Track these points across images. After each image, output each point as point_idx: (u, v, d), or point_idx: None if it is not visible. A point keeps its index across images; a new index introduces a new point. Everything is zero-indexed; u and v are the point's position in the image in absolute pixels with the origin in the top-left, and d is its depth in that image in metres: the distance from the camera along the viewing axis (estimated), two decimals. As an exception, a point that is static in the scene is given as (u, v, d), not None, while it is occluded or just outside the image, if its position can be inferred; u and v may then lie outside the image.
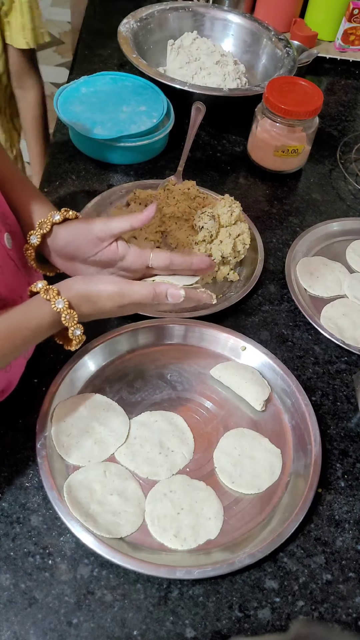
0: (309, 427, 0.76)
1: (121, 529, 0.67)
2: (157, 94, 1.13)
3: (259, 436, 0.77)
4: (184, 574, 0.64)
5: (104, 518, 0.67)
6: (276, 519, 0.70)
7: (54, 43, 3.31)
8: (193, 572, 0.64)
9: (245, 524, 0.70)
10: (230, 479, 0.73)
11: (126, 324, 0.84)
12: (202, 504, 0.70)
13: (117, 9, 1.49)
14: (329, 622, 0.65)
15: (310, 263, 0.99)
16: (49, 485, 0.68)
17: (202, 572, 0.64)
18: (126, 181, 1.07)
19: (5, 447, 0.73)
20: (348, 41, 1.42)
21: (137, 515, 0.69)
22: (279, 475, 0.74)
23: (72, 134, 1.12)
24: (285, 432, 0.78)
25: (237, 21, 1.33)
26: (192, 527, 0.68)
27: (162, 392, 0.80)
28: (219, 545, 0.68)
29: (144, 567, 0.64)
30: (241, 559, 0.65)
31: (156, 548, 0.67)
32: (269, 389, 0.81)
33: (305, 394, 0.79)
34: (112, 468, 0.72)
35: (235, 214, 0.94)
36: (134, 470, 0.72)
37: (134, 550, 0.66)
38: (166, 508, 0.69)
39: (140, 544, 0.67)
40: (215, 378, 0.82)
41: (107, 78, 1.16)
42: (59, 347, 0.83)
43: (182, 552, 0.67)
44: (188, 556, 0.67)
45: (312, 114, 1.06)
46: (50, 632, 0.61)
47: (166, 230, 0.97)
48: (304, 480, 0.72)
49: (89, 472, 0.71)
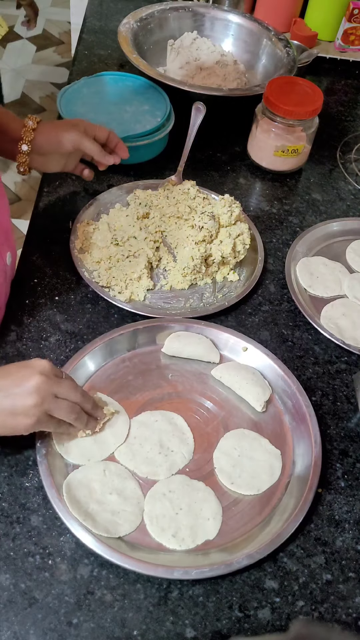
0: (309, 429, 0.76)
1: (120, 528, 0.67)
2: (159, 93, 1.13)
3: (259, 437, 0.77)
4: (182, 574, 0.64)
5: (102, 517, 0.67)
6: (275, 521, 0.70)
7: (54, 43, 3.31)
8: (191, 573, 0.64)
9: (244, 525, 0.70)
10: (230, 479, 0.73)
11: (126, 324, 0.84)
12: (201, 505, 0.70)
13: (117, 9, 1.49)
14: (329, 622, 0.65)
15: (310, 263, 0.99)
16: (48, 483, 0.68)
17: (200, 573, 0.64)
18: (126, 181, 1.07)
19: (5, 447, 0.73)
20: (348, 41, 1.42)
21: (135, 514, 0.69)
22: (279, 476, 0.74)
23: (72, 134, 1.11)
24: (286, 433, 0.78)
25: (237, 21, 1.33)
26: (190, 528, 0.68)
27: (163, 392, 0.80)
28: (217, 546, 0.68)
29: (144, 567, 0.64)
30: (239, 560, 0.65)
31: (154, 548, 0.67)
32: (269, 389, 0.81)
33: (306, 395, 0.79)
34: (111, 467, 0.72)
35: (235, 214, 0.94)
36: (133, 469, 0.72)
37: (132, 550, 0.66)
38: (165, 508, 0.69)
39: (138, 544, 0.67)
40: (216, 378, 0.82)
41: (108, 78, 1.16)
42: (59, 347, 0.83)
43: (180, 553, 0.67)
44: (186, 556, 0.67)
45: (312, 114, 1.06)
46: (50, 632, 0.61)
47: (166, 230, 0.97)
48: (303, 481, 0.72)
49: (89, 470, 0.71)
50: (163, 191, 1.01)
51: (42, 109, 2.85)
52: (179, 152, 1.08)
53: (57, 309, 0.87)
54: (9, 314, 0.86)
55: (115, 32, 1.25)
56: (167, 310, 0.89)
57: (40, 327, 0.85)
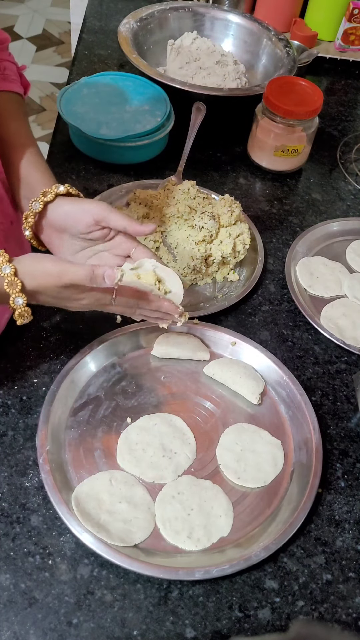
0: (306, 416, 0.77)
1: (134, 536, 0.67)
2: (158, 93, 1.13)
3: (259, 429, 0.77)
4: (185, 575, 0.64)
5: (115, 527, 0.67)
6: (284, 510, 0.71)
7: (54, 43, 3.31)
8: (193, 574, 0.64)
9: (256, 518, 0.71)
10: (236, 474, 0.73)
11: (127, 325, 0.84)
12: (211, 503, 0.70)
13: (117, 9, 1.49)
14: (329, 622, 0.65)
15: (310, 263, 0.99)
16: (57, 499, 0.67)
17: (220, 571, 0.64)
18: (126, 181, 1.07)
19: (5, 447, 0.73)
20: (348, 41, 1.42)
21: (148, 520, 0.68)
22: (282, 466, 0.75)
23: (72, 135, 1.11)
24: (283, 422, 0.79)
25: (237, 21, 1.33)
26: (204, 527, 0.68)
27: (158, 395, 0.80)
28: (232, 542, 0.68)
29: (143, 567, 0.64)
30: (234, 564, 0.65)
31: (170, 551, 0.67)
32: (263, 381, 0.82)
33: (298, 384, 0.80)
34: (117, 476, 0.71)
35: (235, 214, 0.94)
36: (139, 475, 0.72)
37: (149, 556, 0.66)
38: (176, 510, 0.69)
39: (154, 549, 0.67)
40: (209, 376, 0.82)
41: (108, 78, 1.16)
42: (59, 347, 0.83)
43: (197, 553, 0.67)
44: (203, 556, 0.67)
45: (312, 114, 1.06)
46: (50, 632, 0.61)
47: (166, 230, 0.97)
48: (305, 478, 0.72)
49: (94, 482, 0.70)
50: (163, 191, 1.01)
51: (42, 109, 2.85)
52: (179, 152, 1.08)
53: (57, 309, 0.87)
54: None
55: (115, 32, 1.25)
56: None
57: (40, 327, 0.85)
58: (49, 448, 0.71)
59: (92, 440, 0.74)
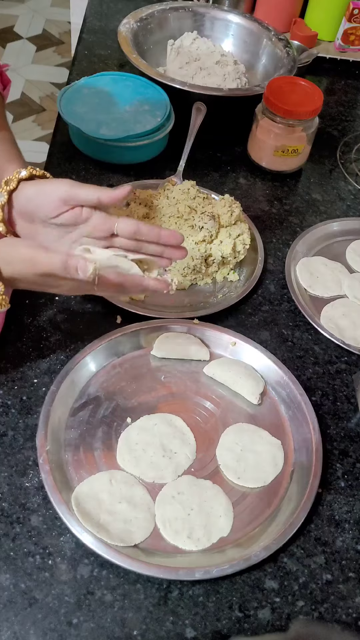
0: (306, 416, 0.77)
1: (134, 536, 0.67)
2: (158, 93, 1.13)
3: (259, 429, 0.77)
4: (185, 575, 0.64)
5: (115, 527, 0.67)
6: (284, 510, 0.71)
7: (54, 43, 3.31)
8: (193, 574, 0.64)
9: (256, 518, 0.70)
10: (236, 474, 0.73)
11: (127, 325, 0.84)
12: (211, 503, 0.70)
13: (117, 9, 1.49)
14: (329, 622, 0.65)
15: (310, 263, 0.99)
16: (57, 499, 0.67)
17: (220, 571, 0.64)
18: (126, 181, 1.07)
19: (5, 447, 0.73)
20: (348, 41, 1.42)
21: (148, 520, 0.68)
22: (282, 466, 0.75)
23: (72, 135, 1.11)
24: (283, 422, 0.79)
25: (237, 21, 1.33)
26: (204, 527, 0.68)
27: (158, 395, 0.80)
28: (232, 542, 0.68)
29: (143, 567, 0.64)
30: (234, 564, 0.65)
31: (170, 551, 0.67)
32: (263, 381, 0.82)
33: (298, 384, 0.80)
34: (117, 476, 0.71)
35: (235, 214, 0.94)
36: (139, 475, 0.72)
37: (149, 557, 0.66)
38: (176, 510, 0.69)
39: (154, 549, 0.67)
40: (209, 376, 0.82)
41: (108, 78, 1.16)
42: (59, 347, 0.83)
43: (197, 553, 0.67)
44: (203, 556, 0.67)
45: (312, 114, 1.06)
46: (50, 632, 0.61)
47: (166, 230, 0.97)
48: (305, 478, 0.72)
49: (94, 482, 0.70)
50: (163, 191, 1.01)
51: (42, 109, 2.85)
52: (179, 152, 1.08)
53: (57, 309, 0.87)
54: (9, 314, 0.86)
55: (115, 32, 1.25)
56: (167, 310, 0.89)
57: (40, 327, 0.85)
58: (49, 448, 0.71)
59: (92, 440, 0.74)
